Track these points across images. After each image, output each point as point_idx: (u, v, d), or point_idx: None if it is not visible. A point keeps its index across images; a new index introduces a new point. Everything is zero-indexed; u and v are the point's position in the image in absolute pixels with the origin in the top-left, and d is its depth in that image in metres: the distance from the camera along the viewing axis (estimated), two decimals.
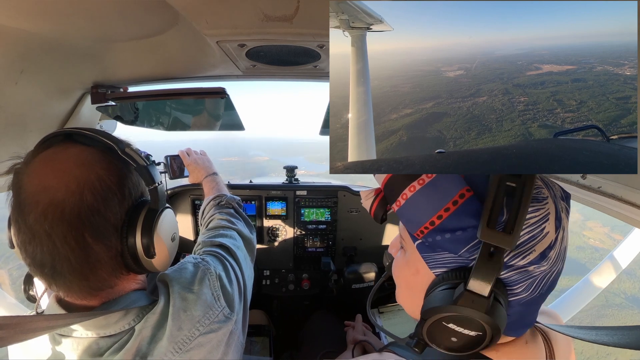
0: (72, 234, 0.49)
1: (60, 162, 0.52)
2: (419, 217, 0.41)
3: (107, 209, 0.52)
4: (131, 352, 0.56)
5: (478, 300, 0.37)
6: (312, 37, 0.86)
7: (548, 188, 0.42)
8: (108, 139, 0.55)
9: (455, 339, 0.40)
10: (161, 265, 0.60)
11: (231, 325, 0.65)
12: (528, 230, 0.39)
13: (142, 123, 1.45)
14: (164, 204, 0.60)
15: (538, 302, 0.43)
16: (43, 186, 0.49)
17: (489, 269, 0.36)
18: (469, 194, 0.40)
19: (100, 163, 0.54)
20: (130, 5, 0.66)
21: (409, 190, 0.42)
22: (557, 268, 0.41)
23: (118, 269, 0.56)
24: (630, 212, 0.72)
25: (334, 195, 1.92)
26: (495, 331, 0.38)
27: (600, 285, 1.77)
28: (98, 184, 0.51)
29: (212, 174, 1.16)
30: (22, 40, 0.70)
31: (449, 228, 0.40)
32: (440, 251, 0.42)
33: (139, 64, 1.04)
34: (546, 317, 0.59)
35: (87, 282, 0.53)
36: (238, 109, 1.43)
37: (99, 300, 0.57)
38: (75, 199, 0.49)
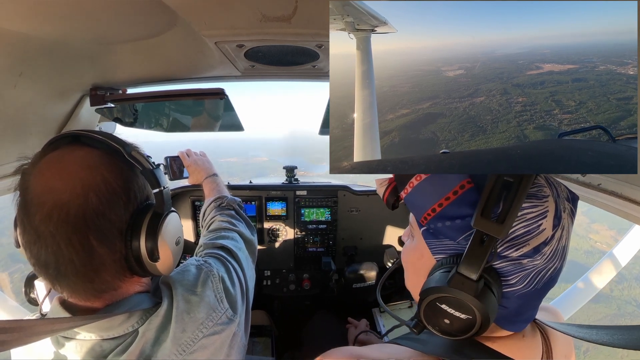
0: (77, 236, 0.49)
1: (67, 164, 0.52)
2: (422, 203, 0.45)
3: (111, 211, 0.52)
4: (135, 354, 0.56)
5: (467, 283, 0.39)
6: (310, 37, 0.86)
7: (551, 187, 0.43)
8: (115, 142, 0.56)
9: (447, 321, 0.42)
10: (165, 269, 0.60)
11: (234, 326, 0.66)
12: (524, 224, 0.40)
13: (142, 124, 1.44)
14: (169, 207, 0.60)
15: (536, 298, 0.44)
16: (49, 187, 0.50)
17: (479, 254, 0.39)
18: (469, 186, 0.42)
19: (106, 166, 0.54)
20: (129, 7, 0.66)
21: (415, 179, 0.46)
22: (554, 265, 0.42)
23: (122, 271, 0.56)
24: (630, 209, 0.72)
25: (334, 195, 1.92)
26: (484, 316, 0.40)
27: (601, 282, 1.78)
28: (103, 187, 0.52)
29: (212, 175, 1.16)
30: (21, 43, 0.70)
31: (449, 216, 0.43)
32: (442, 238, 0.44)
33: (137, 66, 1.04)
34: (546, 314, 0.59)
35: (91, 284, 0.53)
36: (237, 110, 1.43)
37: (102, 302, 0.57)
38: (80, 202, 0.49)
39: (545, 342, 0.52)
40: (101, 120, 1.32)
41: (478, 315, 0.40)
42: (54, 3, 0.58)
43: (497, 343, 0.47)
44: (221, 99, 1.11)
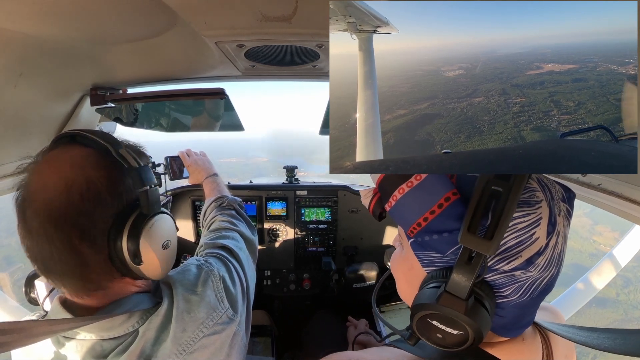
0: (58, 235, 0.50)
1: (59, 162, 0.53)
2: (407, 217, 0.43)
3: (94, 211, 0.52)
4: (135, 354, 0.56)
5: (457, 301, 0.38)
6: (310, 37, 0.86)
7: (544, 190, 0.41)
8: (105, 140, 0.55)
9: (440, 336, 0.41)
10: (152, 273, 0.58)
11: (235, 326, 0.66)
12: (516, 235, 0.38)
13: (142, 124, 1.45)
14: (157, 208, 0.58)
15: (533, 305, 0.43)
16: (41, 185, 0.51)
17: (467, 272, 0.37)
18: (454, 197, 0.40)
19: (93, 165, 0.54)
20: (129, 7, 0.66)
21: (398, 192, 0.43)
22: (549, 274, 0.41)
23: (109, 272, 0.56)
24: (631, 209, 0.72)
25: (334, 195, 1.92)
26: (476, 331, 0.39)
27: (602, 282, 1.78)
28: (86, 186, 0.51)
29: (212, 174, 1.16)
30: (21, 43, 0.70)
31: (435, 230, 0.41)
32: (430, 250, 0.43)
33: (138, 66, 1.04)
34: (547, 314, 0.59)
35: (79, 282, 0.54)
36: (237, 110, 1.43)
37: (96, 300, 0.57)
38: (62, 199, 0.50)
39: (545, 343, 0.52)
40: (101, 120, 1.32)
41: (470, 331, 0.39)
42: (54, 3, 0.59)
43: (497, 348, 0.46)
44: (221, 99, 1.11)
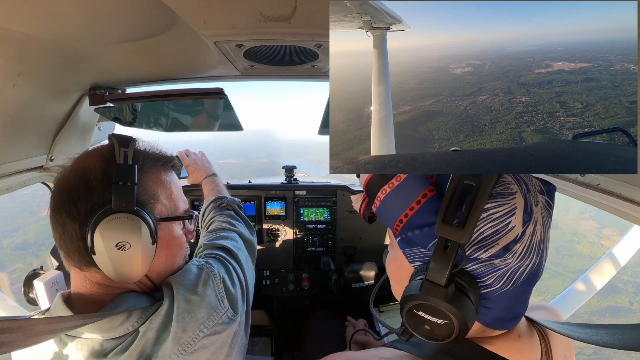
0: (56, 208, 0.58)
1: (84, 153, 0.63)
2: (391, 215, 0.47)
3: (80, 197, 0.57)
4: (135, 353, 0.56)
5: (437, 289, 0.40)
6: (310, 36, 0.86)
7: (519, 183, 0.43)
8: (116, 138, 0.60)
9: (428, 327, 0.43)
10: (107, 269, 0.57)
11: (235, 326, 0.66)
12: (491, 224, 0.41)
13: (141, 124, 1.44)
14: (128, 207, 0.57)
15: (521, 294, 0.44)
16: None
17: (444, 260, 0.40)
18: (431, 194, 0.44)
19: (96, 158, 0.60)
20: (128, 6, 0.66)
21: (381, 193, 0.47)
22: (530, 262, 0.42)
23: (84, 258, 0.58)
24: (630, 209, 0.72)
25: (333, 195, 1.92)
26: (460, 320, 0.40)
27: (601, 282, 1.78)
28: (81, 174, 0.58)
29: (211, 175, 1.16)
30: (20, 43, 0.70)
31: (416, 225, 0.44)
32: (415, 246, 0.46)
33: (136, 66, 1.04)
34: (546, 313, 0.59)
35: (69, 259, 0.59)
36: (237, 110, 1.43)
37: (90, 287, 0.61)
38: (64, 181, 0.58)
39: (544, 342, 0.52)
40: (100, 120, 1.32)
41: (454, 320, 0.40)
42: (53, 3, 0.58)
43: (493, 344, 0.47)
44: (220, 99, 1.11)
